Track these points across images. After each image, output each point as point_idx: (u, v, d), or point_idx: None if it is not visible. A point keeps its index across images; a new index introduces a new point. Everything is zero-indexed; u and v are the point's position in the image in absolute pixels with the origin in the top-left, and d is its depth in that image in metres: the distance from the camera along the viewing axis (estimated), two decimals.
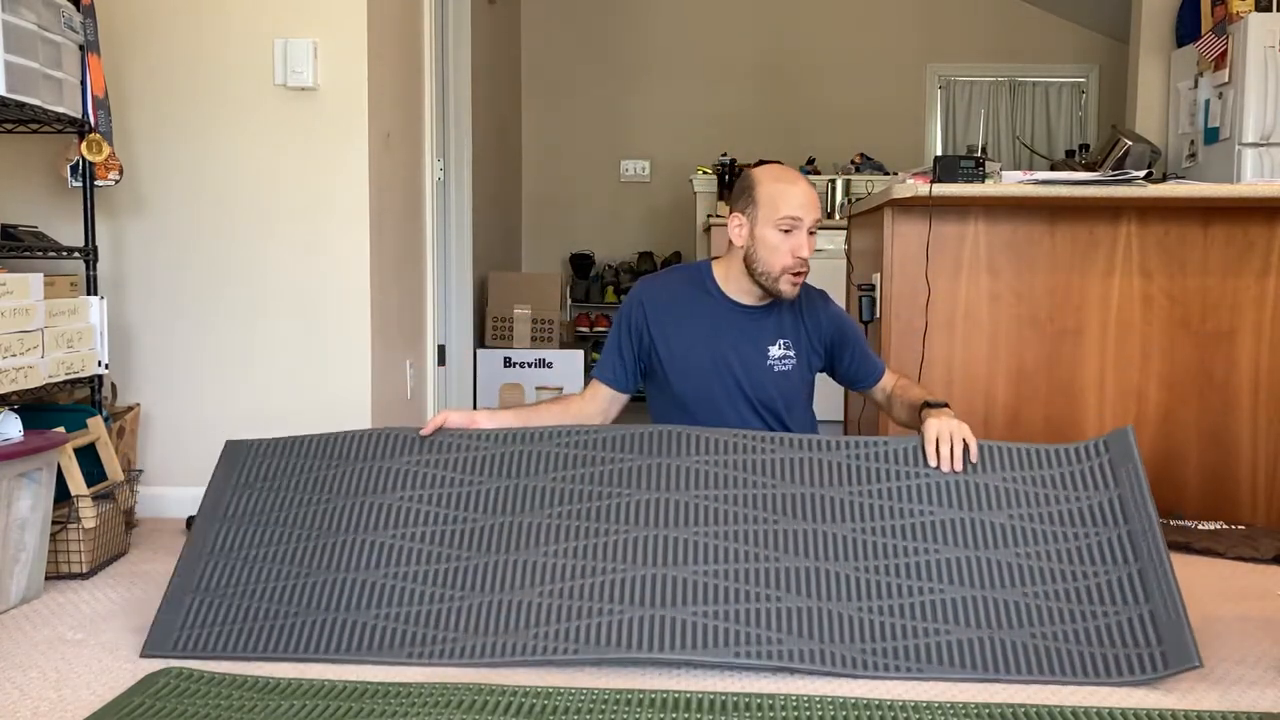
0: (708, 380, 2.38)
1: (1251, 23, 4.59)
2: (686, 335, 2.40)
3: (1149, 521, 2.02)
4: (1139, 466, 2.09)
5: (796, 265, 2.29)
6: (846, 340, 2.46)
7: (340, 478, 2.22)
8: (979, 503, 2.09)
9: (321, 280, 3.20)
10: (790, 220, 2.26)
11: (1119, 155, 3.52)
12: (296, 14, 3.16)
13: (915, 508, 2.08)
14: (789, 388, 2.41)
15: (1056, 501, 2.09)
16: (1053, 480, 2.12)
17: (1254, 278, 3.10)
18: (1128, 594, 1.93)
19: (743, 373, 2.37)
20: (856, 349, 2.48)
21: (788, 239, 2.27)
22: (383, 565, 2.07)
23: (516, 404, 4.91)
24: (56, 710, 1.76)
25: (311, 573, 2.07)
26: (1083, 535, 2.04)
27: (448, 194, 4.71)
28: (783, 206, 2.27)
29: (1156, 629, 1.87)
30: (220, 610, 2.04)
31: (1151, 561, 1.96)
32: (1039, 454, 2.16)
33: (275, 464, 2.29)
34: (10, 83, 2.45)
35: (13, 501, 2.34)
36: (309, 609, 2.02)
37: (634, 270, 6.41)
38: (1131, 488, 2.07)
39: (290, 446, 2.31)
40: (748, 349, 2.38)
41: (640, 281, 2.50)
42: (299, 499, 2.20)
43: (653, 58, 6.56)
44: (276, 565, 2.10)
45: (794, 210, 2.26)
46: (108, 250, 3.14)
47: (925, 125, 6.64)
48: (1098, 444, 2.16)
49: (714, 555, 2.01)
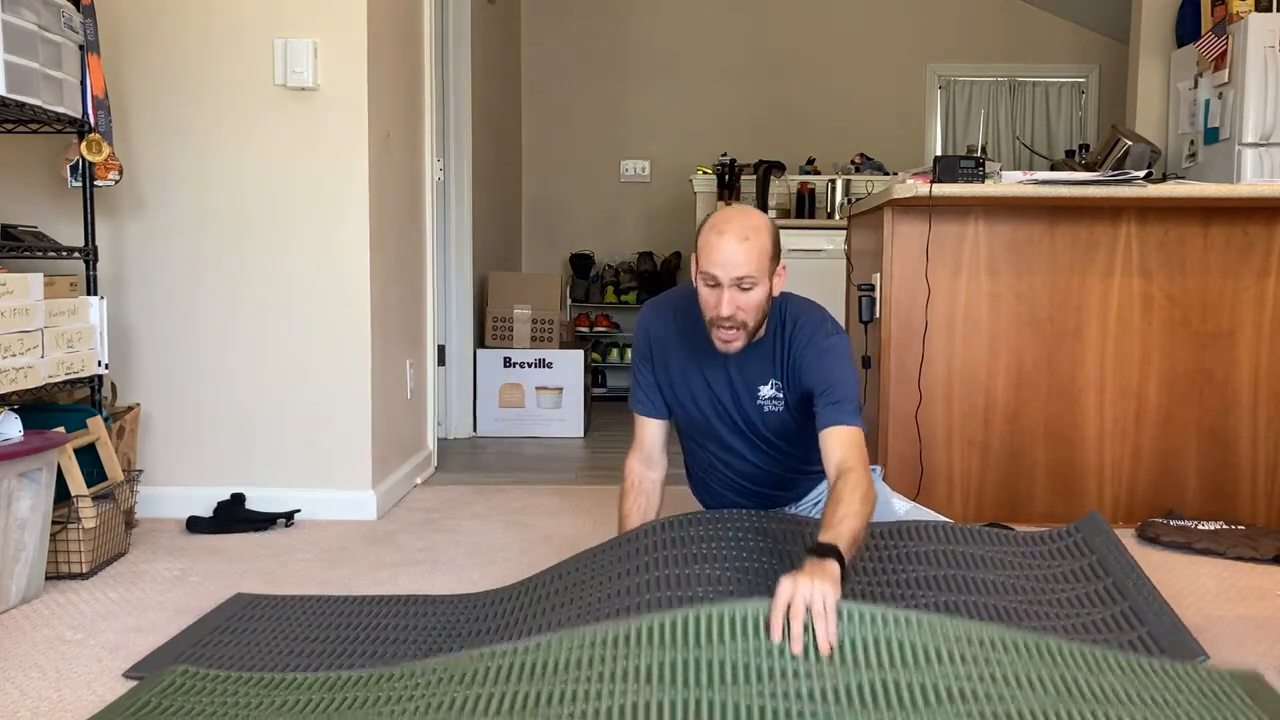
0: (705, 412, 2.36)
1: (1251, 23, 4.59)
2: (684, 366, 2.37)
3: (1133, 570, 2.09)
4: (1114, 535, 2.20)
5: (719, 322, 2.14)
6: (815, 385, 2.19)
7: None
8: (966, 563, 2.15)
9: (322, 280, 3.20)
10: (709, 276, 2.12)
11: (1119, 155, 3.52)
12: (296, 14, 3.16)
13: (907, 568, 2.13)
14: (780, 425, 2.33)
15: (1039, 567, 2.19)
16: (1033, 554, 2.25)
17: (1254, 278, 3.10)
18: (1123, 624, 1.96)
19: (735, 409, 2.33)
20: (825, 398, 2.16)
21: (711, 294, 2.14)
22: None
23: (516, 404, 4.92)
24: (56, 710, 1.76)
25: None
26: (1069, 589, 2.10)
27: (448, 194, 4.71)
28: (704, 259, 2.13)
29: (1157, 642, 1.89)
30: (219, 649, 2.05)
31: (1141, 595, 2.02)
32: (1015, 537, 2.31)
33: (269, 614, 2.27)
34: (10, 83, 2.44)
35: (13, 501, 2.34)
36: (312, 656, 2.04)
37: (634, 270, 6.41)
38: (1108, 550, 2.17)
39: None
40: (740, 387, 2.32)
41: (645, 307, 2.46)
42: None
43: (653, 58, 6.56)
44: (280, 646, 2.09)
45: (710, 266, 2.11)
46: (108, 250, 3.14)
47: (925, 125, 6.64)
48: (1068, 528, 2.32)
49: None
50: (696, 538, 2.19)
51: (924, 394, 3.10)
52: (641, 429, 2.46)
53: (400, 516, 3.27)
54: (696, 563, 2.07)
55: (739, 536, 2.21)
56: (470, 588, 2.48)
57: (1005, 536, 2.32)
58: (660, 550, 2.13)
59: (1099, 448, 3.13)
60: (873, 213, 3.28)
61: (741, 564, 2.07)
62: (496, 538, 3.00)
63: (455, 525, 3.15)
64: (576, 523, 3.18)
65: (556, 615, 2.02)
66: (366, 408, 3.23)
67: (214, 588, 2.49)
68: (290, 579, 2.57)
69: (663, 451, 2.47)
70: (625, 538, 2.28)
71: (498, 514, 3.30)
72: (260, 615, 2.23)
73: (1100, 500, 3.13)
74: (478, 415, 4.94)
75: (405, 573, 2.63)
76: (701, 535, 2.20)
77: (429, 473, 3.93)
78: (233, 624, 2.18)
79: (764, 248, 2.13)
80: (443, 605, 2.29)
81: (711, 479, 2.50)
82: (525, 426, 4.93)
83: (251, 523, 3.06)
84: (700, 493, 2.59)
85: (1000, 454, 3.13)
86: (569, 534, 3.03)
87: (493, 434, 4.91)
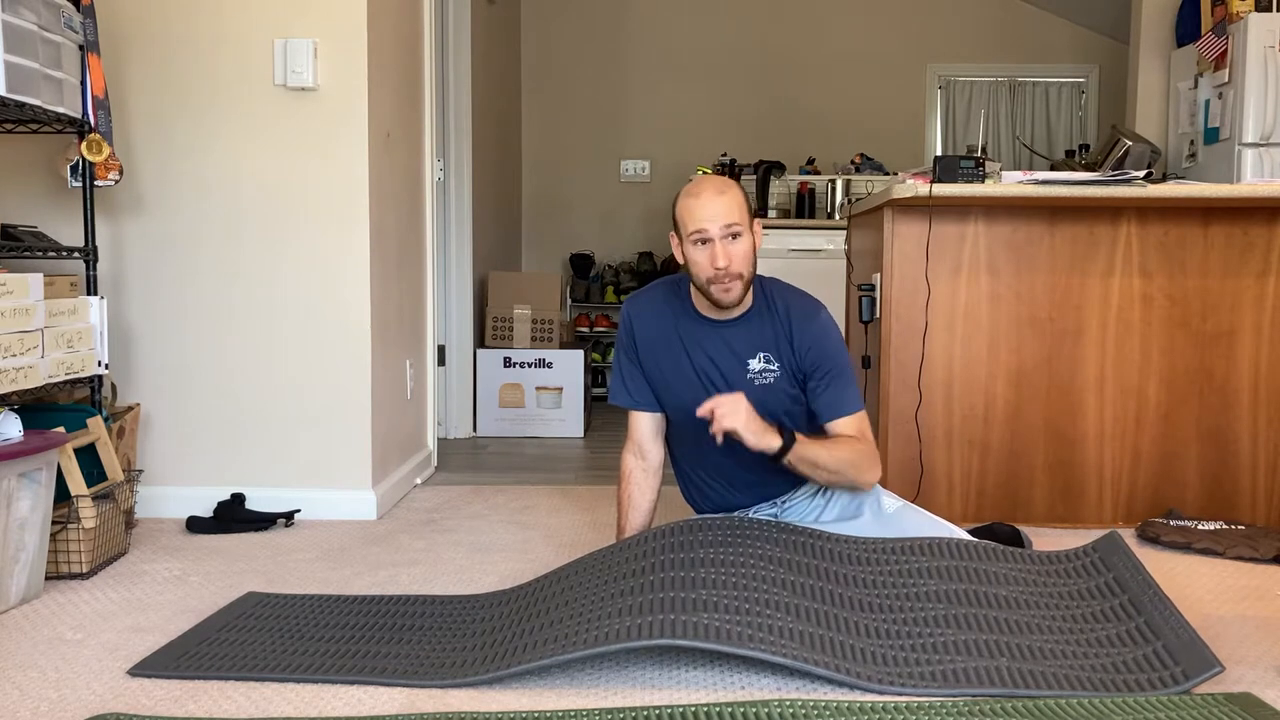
0: (694, 391, 2.38)
1: (1251, 23, 4.59)
2: (672, 349, 2.43)
3: (1149, 587, 2.09)
4: (1132, 554, 2.20)
5: (717, 275, 2.28)
6: (819, 363, 2.37)
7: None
8: (980, 579, 2.16)
9: (322, 280, 3.20)
10: (698, 234, 2.29)
11: (1119, 155, 3.52)
12: (296, 14, 3.16)
13: (920, 582, 2.14)
14: (774, 402, 2.37)
15: (1054, 584, 2.19)
16: (1048, 571, 2.25)
17: (1254, 278, 3.10)
18: (1138, 639, 1.95)
19: (724, 384, 2.37)
20: (828, 378, 2.37)
21: (704, 251, 2.29)
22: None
23: (516, 404, 4.92)
24: (56, 710, 1.76)
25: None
26: (1084, 606, 2.10)
27: (448, 194, 4.71)
28: (689, 222, 2.30)
29: (1172, 655, 1.88)
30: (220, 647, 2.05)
31: (1156, 610, 2.01)
32: (1030, 555, 2.32)
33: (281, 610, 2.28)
34: (10, 83, 2.44)
35: (13, 501, 2.34)
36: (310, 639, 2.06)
37: (634, 270, 6.41)
38: (1124, 568, 2.17)
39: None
40: (728, 361, 2.39)
41: (628, 300, 2.55)
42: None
43: (653, 58, 6.56)
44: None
45: (698, 224, 2.28)
46: (107, 250, 3.14)
47: (925, 125, 6.64)
48: (1086, 548, 2.32)
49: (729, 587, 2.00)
50: (701, 542, 2.19)
51: (924, 394, 3.10)
52: (630, 423, 2.55)
53: (400, 516, 3.27)
54: (701, 566, 2.07)
55: (743, 540, 2.22)
56: (470, 588, 2.48)
57: (1020, 554, 2.31)
58: (663, 554, 2.14)
59: (1099, 448, 3.13)
60: (873, 213, 3.28)
61: (747, 569, 2.08)
62: (496, 538, 3.00)
63: (455, 525, 3.15)
64: (576, 523, 3.18)
65: (560, 614, 2.02)
66: (366, 408, 3.23)
67: (214, 588, 2.49)
68: (290, 579, 2.57)
69: (653, 441, 2.54)
70: (628, 541, 2.29)
71: (498, 514, 3.30)
72: (269, 614, 2.23)
73: (1100, 500, 3.13)
74: (478, 415, 4.94)
75: (405, 573, 2.63)
76: (707, 540, 2.20)
77: (429, 473, 3.93)
78: (241, 621, 2.18)
79: (740, 199, 2.33)
80: (454, 605, 2.29)
81: (702, 471, 2.52)
82: (525, 426, 4.93)
83: (251, 523, 3.06)
84: (690, 491, 2.60)
85: (1000, 454, 3.13)
86: (569, 534, 3.03)
87: (493, 434, 4.91)
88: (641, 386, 2.49)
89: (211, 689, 1.84)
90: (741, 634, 1.84)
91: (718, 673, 1.89)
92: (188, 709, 1.76)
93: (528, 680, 1.87)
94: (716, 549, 2.15)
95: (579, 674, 1.89)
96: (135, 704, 1.78)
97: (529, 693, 1.83)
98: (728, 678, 1.87)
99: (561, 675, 1.89)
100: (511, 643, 1.98)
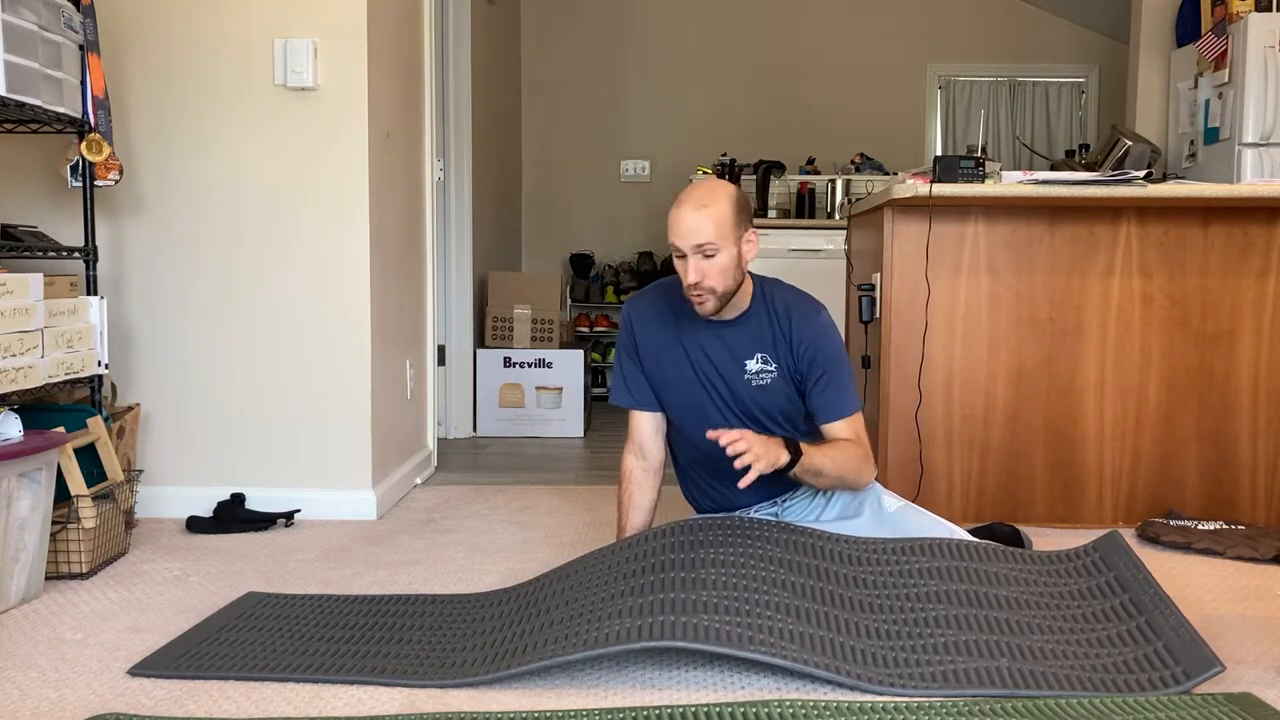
0: (695, 391, 2.39)
1: (1251, 23, 4.59)
2: (672, 349, 2.43)
3: (1150, 586, 2.09)
4: (1133, 554, 2.20)
5: (689, 289, 2.28)
6: (815, 365, 2.38)
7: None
8: (981, 579, 2.16)
9: (321, 280, 3.20)
10: (673, 247, 2.29)
11: (1119, 155, 3.52)
12: (296, 14, 3.16)
13: (920, 582, 2.14)
14: (771, 403, 2.39)
15: (1055, 584, 2.20)
16: (1049, 571, 2.26)
17: (1254, 278, 3.10)
18: (1139, 638, 1.96)
19: (723, 385, 2.39)
20: (825, 378, 2.37)
21: (680, 264, 2.30)
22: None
23: (516, 404, 4.92)
24: (56, 710, 1.76)
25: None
26: (1084, 605, 2.11)
27: (448, 194, 4.71)
28: (669, 233, 2.29)
29: (1172, 655, 1.88)
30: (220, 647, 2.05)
31: (1157, 610, 2.01)
32: (1031, 555, 2.33)
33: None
34: (10, 83, 2.44)
35: (13, 501, 2.34)
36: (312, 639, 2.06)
37: (634, 270, 6.41)
38: (1125, 568, 2.17)
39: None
40: (726, 362, 2.39)
41: (629, 301, 2.56)
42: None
43: (653, 58, 6.56)
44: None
45: (672, 238, 2.28)
46: (108, 250, 3.14)
47: (925, 125, 6.64)
48: (1086, 547, 2.32)
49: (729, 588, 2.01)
50: (701, 542, 2.19)
51: (924, 394, 3.10)
52: (631, 423, 2.55)
53: (400, 516, 3.27)
54: (702, 567, 2.07)
55: (743, 540, 2.22)
56: (470, 588, 2.48)
57: (1020, 554, 2.32)
58: (663, 554, 2.14)
59: (1099, 448, 3.13)
60: (873, 213, 3.28)
61: (748, 570, 2.08)
62: (496, 538, 3.00)
63: (455, 525, 3.15)
64: (576, 522, 3.18)
65: (560, 614, 2.02)
66: (366, 408, 3.23)
67: (214, 588, 2.49)
68: (290, 579, 2.57)
69: (654, 441, 2.54)
70: (628, 541, 2.29)
71: (498, 514, 3.30)
72: (269, 614, 2.23)
73: (1100, 500, 3.13)
74: (478, 415, 4.94)
75: (405, 573, 2.63)
76: (707, 540, 2.21)
77: (429, 473, 3.93)
78: (241, 622, 2.18)
79: (722, 214, 2.24)
80: (454, 605, 2.29)
81: (703, 470, 2.52)
82: (525, 426, 4.93)
83: (251, 523, 3.06)
84: (691, 490, 2.61)
85: (1000, 454, 3.13)
86: (569, 534, 3.03)
87: (493, 434, 4.91)
88: (642, 386, 2.50)
89: (211, 689, 1.85)
90: (742, 636, 1.85)
91: (718, 673, 1.90)
92: (188, 709, 1.76)
93: (528, 680, 1.88)
94: (716, 549, 2.15)
95: (579, 674, 1.90)
96: (135, 704, 1.79)
97: (529, 693, 1.83)
98: (728, 678, 1.88)
99: (561, 675, 1.89)
100: (512, 643, 1.98)
